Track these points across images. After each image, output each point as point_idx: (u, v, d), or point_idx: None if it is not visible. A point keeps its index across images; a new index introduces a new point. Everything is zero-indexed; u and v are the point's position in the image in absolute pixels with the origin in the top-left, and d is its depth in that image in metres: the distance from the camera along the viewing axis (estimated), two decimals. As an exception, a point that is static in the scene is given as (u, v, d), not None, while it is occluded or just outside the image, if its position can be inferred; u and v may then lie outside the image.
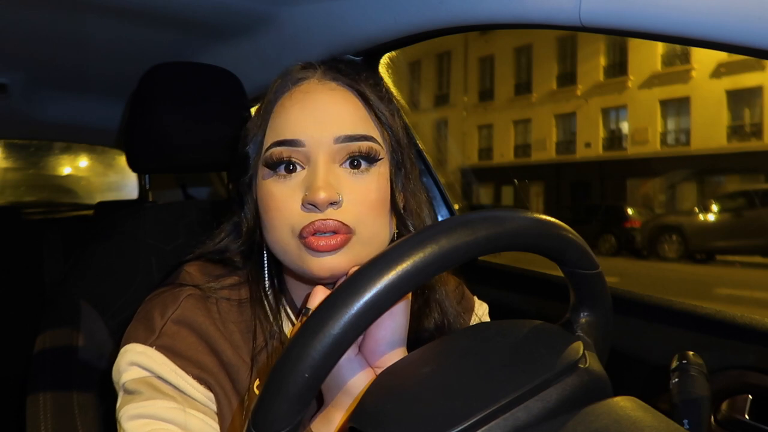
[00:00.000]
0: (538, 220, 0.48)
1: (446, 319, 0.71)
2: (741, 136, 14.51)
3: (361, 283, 0.42)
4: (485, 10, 0.85)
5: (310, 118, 0.62)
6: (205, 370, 0.62)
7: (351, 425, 0.45)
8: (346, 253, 0.61)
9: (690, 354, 0.63)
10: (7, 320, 1.76)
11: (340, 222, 0.60)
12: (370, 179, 0.63)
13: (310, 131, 0.62)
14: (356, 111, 0.64)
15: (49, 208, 2.54)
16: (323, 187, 0.59)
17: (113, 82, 1.56)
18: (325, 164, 0.61)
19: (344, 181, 0.62)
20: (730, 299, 7.15)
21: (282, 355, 0.43)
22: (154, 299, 0.66)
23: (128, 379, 0.60)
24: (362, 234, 0.61)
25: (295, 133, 0.62)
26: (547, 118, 18.47)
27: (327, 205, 0.59)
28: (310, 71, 0.66)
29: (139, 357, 0.61)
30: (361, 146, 0.62)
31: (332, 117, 0.62)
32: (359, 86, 0.65)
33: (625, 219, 12.05)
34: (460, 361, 0.49)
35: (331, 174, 0.61)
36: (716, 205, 10.41)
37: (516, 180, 19.10)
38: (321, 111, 0.62)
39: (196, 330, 0.63)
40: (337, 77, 0.65)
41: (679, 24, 0.67)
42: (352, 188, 0.62)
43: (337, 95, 0.64)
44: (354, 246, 0.61)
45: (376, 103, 0.65)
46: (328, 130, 0.61)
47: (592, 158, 17.20)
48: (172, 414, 0.58)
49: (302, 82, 0.65)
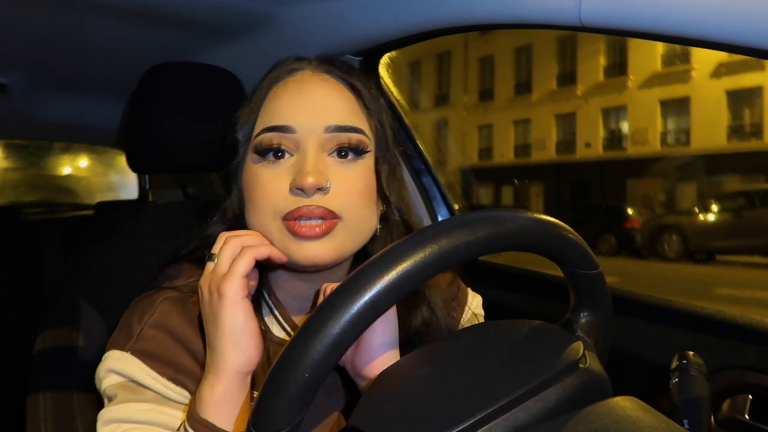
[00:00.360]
0: (538, 220, 0.49)
1: (435, 315, 0.71)
2: (741, 136, 14.51)
3: (361, 283, 0.42)
4: (485, 10, 0.85)
5: (302, 106, 0.63)
6: (180, 371, 0.63)
7: (351, 425, 0.45)
8: (329, 240, 0.61)
9: (690, 354, 0.63)
10: (7, 320, 1.76)
11: (326, 209, 0.60)
12: (356, 169, 0.64)
13: (301, 119, 0.62)
14: (348, 103, 0.65)
15: (49, 208, 2.54)
16: (312, 172, 0.60)
17: (113, 82, 1.56)
18: (314, 151, 0.62)
19: (332, 169, 0.63)
20: (730, 299, 7.15)
21: (282, 355, 0.42)
22: (134, 306, 0.67)
23: (107, 386, 0.62)
24: (349, 221, 0.62)
25: (287, 120, 0.63)
26: (547, 118, 18.46)
27: (315, 191, 0.60)
28: (304, 62, 0.68)
29: (115, 363, 0.62)
30: (351, 137, 0.63)
31: (324, 106, 0.63)
32: (352, 80, 0.66)
33: (625, 219, 12.04)
34: (460, 361, 0.49)
35: (320, 161, 0.62)
36: (716, 205, 10.41)
37: (516, 180, 19.11)
38: (313, 100, 0.63)
39: (172, 332, 0.64)
40: (331, 70, 0.67)
41: (679, 24, 0.67)
42: (341, 176, 0.62)
43: (330, 86, 0.65)
44: (339, 234, 0.62)
45: (367, 97, 0.66)
46: (320, 118, 0.62)
47: (592, 158, 17.19)
48: (145, 415, 0.59)
49: (296, 73, 0.66)
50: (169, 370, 0.62)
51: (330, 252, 0.61)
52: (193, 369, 0.63)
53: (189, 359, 0.64)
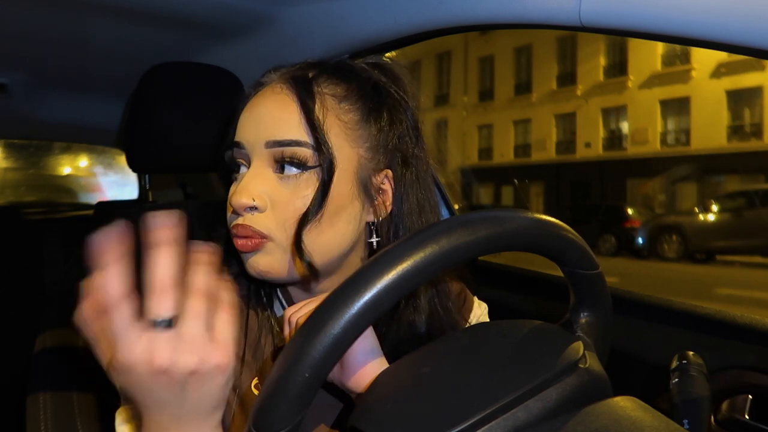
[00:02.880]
0: (538, 220, 0.48)
1: (439, 320, 0.70)
2: (741, 136, 14.51)
3: (361, 282, 0.41)
4: (485, 10, 0.85)
5: (251, 122, 0.64)
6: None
7: (351, 425, 0.45)
8: (264, 256, 0.62)
9: (690, 354, 0.63)
10: (7, 320, 1.75)
11: (253, 229, 0.61)
12: (300, 186, 0.62)
13: (247, 135, 0.64)
14: (290, 116, 0.62)
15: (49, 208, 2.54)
16: (240, 191, 0.61)
17: (113, 82, 1.56)
18: (256, 168, 0.63)
19: (273, 187, 0.62)
20: (730, 299, 7.15)
21: (282, 355, 0.43)
22: None
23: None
24: (281, 241, 0.62)
25: (239, 136, 0.65)
26: (547, 118, 18.47)
27: (244, 210, 0.61)
28: (272, 76, 0.67)
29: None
30: (285, 151, 0.61)
31: (267, 121, 0.63)
32: (303, 93, 0.63)
33: (625, 219, 12.05)
34: (460, 361, 0.49)
35: (260, 178, 0.62)
36: (716, 205, 10.41)
37: (516, 180, 19.09)
38: (259, 115, 0.64)
39: None
40: (288, 82, 0.65)
41: (679, 24, 0.67)
42: (279, 194, 0.62)
43: (278, 100, 0.64)
44: (272, 251, 0.62)
45: (317, 109, 0.62)
46: (262, 134, 0.63)
47: (592, 158, 17.20)
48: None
49: (260, 88, 0.67)
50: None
51: (267, 267, 0.62)
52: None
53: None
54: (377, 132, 0.66)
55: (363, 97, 0.66)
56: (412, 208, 0.67)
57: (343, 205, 0.63)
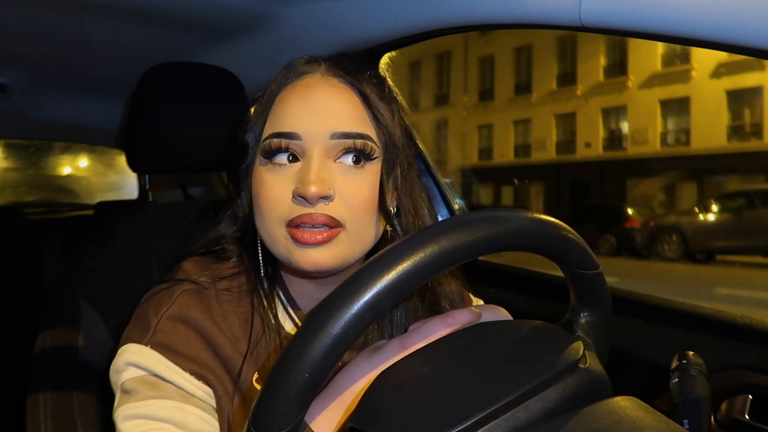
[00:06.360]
0: (538, 220, 0.48)
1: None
2: (741, 136, 14.50)
3: (361, 282, 0.41)
4: (485, 10, 0.85)
5: (308, 113, 0.63)
6: (202, 366, 0.62)
7: (351, 425, 0.45)
8: (331, 247, 0.61)
9: (690, 354, 0.63)
10: (7, 320, 1.76)
11: (329, 216, 0.60)
12: (363, 176, 0.63)
13: (307, 125, 0.62)
14: (354, 109, 0.64)
15: (49, 208, 2.54)
16: (315, 181, 0.60)
17: (113, 82, 1.56)
18: (319, 159, 0.62)
19: (337, 177, 0.62)
20: (730, 299, 7.15)
21: (282, 355, 0.42)
22: (149, 298, 0.66)
23: (126, 379, 0.60)
24: (351, 229, 0.62)
25: (293, 126, 0.62)
26: (547, 118, 18.45)
27: (318, 200, 0.60)
28: (314, 65, 0.67)
29: (135, 356, 0.61)
30: (356, 143, 0.62)
31: (330, 113, 0.63)
32: (360, 85, 0.65)
33: (625, 219, 12.04)
34: (461, 361, 0.49)
35: (325, 169, 0.62)
36: (716, 205, 10.40)
37: (516, 180, 19.09)
38: (320, 106, 0.63)
39: (191, 325, 0.63)
40: (340, 74, 0.66)
41: (679, 24, 0.67)
42: (345, 184, 0.62)
43: (337, 92, 0.64)
44: (341, 242, 0.62)
45: (375, 102, 0.65)
46: (326, 125, 0.62)
47: (592, 158, 17.18)
48: (168, 413, 0.58)
49: (305, 76, 0.66)
50: (191, 365, 0.61)
51: (331, 259, 0.61)
52: (213, 365, 0.62)
53: (209, 354, 0.62)
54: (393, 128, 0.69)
55: (389, 93, 0.69)
56: (411, 205, 0.70)
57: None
